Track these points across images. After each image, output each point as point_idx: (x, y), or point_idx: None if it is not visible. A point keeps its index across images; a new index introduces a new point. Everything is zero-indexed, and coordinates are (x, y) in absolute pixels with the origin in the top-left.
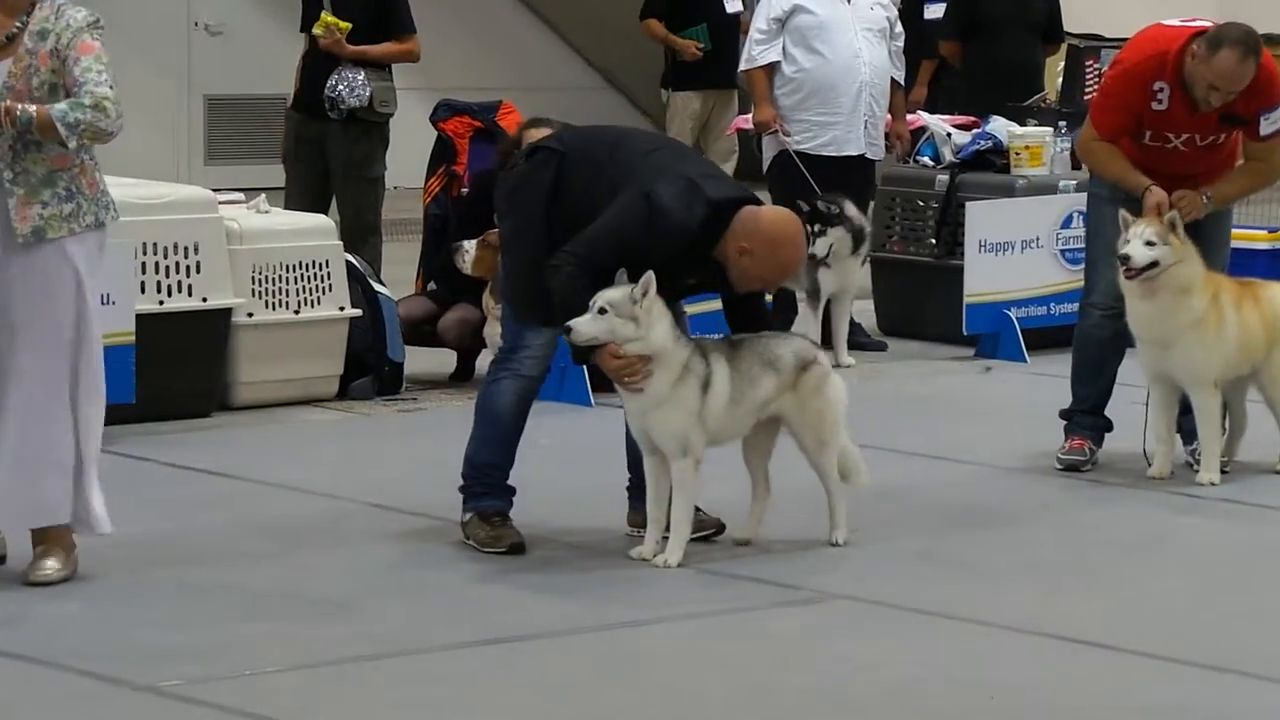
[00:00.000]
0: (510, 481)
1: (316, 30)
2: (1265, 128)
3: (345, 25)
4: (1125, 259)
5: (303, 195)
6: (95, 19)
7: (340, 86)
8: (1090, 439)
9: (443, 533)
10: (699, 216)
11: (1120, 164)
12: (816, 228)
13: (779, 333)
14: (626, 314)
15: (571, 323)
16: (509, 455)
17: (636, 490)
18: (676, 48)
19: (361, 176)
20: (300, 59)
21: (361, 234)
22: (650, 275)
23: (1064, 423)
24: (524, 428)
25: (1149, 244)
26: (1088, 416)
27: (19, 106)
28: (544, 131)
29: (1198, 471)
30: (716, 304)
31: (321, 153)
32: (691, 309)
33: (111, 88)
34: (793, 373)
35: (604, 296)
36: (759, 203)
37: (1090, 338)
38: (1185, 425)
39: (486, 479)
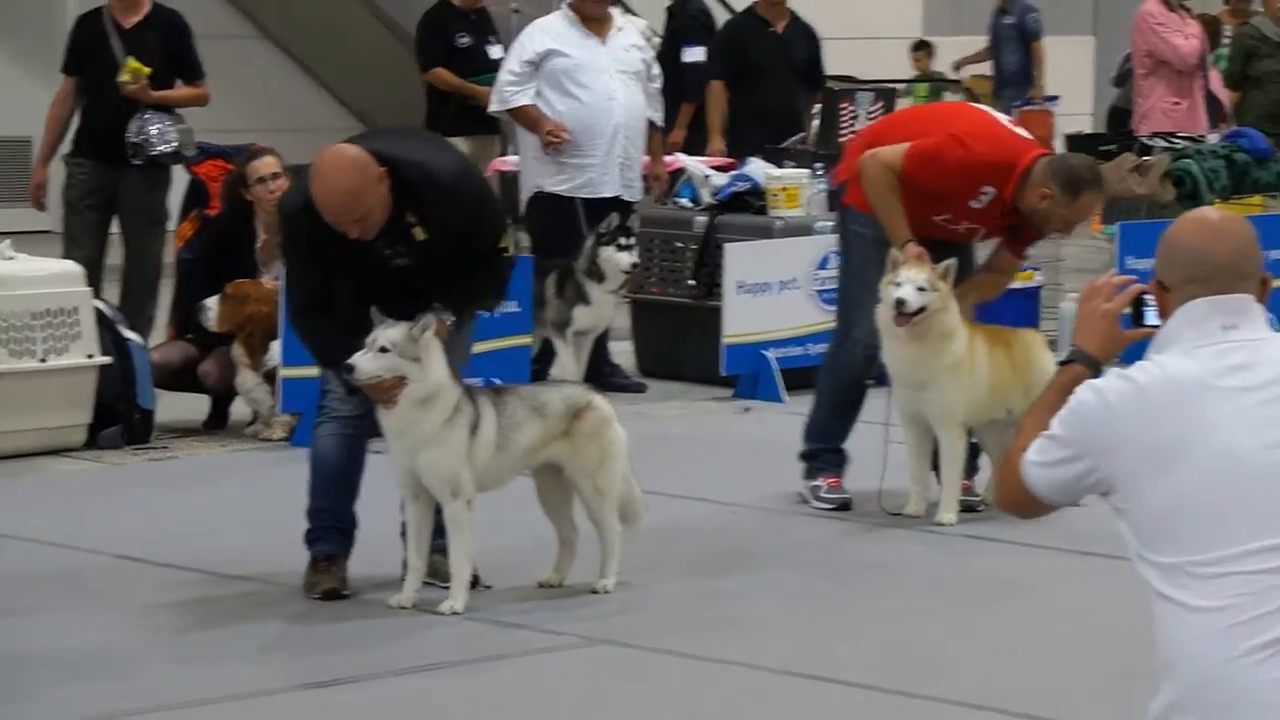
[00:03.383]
0: (346, 524)
1: (124, 76)
2: (1029, 249)
3: (147, 70)
4: (901, 303)
5: (88, 245)
6: None
7: (151, 130)
8: (840, 475)
9: (194, 584)
10: (299, 196)
11: (896, 205)
12: (622, 240)
13: (554, 381)
14: (409, 354)
15: (354, 360)
16: (338, 498)
17: None
18: (472, 94)
19: (159, 223)
20: (67, 102)
21: (155, 282)
22: (430, 316)
23: (807, 461)
24: (358, 466)
25: (920, 289)
26: (835, 454)
27: None
28: (268, 161)
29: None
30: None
31: (111, 200)
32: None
33: None
34: (562, 419)
35: (385, 335)
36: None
37: (854, 374)
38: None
39: (317, 523)
